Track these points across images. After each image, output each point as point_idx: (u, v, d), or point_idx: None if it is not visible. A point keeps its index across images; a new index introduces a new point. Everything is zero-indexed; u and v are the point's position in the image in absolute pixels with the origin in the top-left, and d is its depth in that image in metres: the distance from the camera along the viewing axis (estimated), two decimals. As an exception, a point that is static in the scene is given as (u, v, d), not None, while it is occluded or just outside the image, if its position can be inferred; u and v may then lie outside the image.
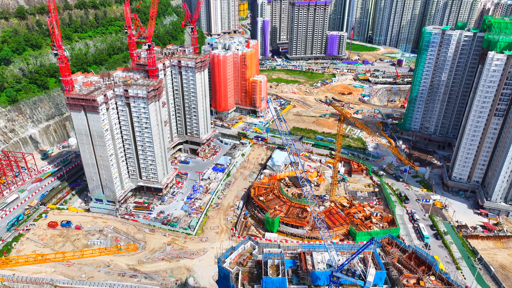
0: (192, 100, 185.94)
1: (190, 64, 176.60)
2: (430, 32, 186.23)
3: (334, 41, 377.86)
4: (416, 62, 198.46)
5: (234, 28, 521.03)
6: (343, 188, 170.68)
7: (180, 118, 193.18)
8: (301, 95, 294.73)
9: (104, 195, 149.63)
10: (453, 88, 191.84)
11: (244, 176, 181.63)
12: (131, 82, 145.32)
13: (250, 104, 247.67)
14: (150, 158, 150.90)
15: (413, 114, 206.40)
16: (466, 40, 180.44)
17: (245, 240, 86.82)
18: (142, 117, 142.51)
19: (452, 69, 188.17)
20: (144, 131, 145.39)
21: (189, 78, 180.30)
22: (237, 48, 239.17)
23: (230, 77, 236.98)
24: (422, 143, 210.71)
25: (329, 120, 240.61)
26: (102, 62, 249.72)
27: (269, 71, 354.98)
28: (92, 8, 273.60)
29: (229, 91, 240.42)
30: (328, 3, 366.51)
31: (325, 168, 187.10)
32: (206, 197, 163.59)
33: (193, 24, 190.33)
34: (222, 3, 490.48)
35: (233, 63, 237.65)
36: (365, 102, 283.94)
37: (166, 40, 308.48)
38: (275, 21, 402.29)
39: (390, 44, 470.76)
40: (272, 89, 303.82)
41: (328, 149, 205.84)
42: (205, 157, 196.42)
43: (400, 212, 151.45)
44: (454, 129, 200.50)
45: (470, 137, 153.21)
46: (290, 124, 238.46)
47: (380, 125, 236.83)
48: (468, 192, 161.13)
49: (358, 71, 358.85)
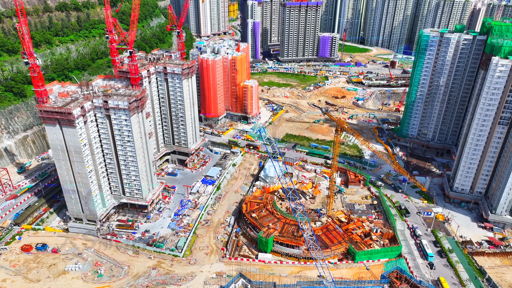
0: (179, 109, 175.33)
1: (176, 71, 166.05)
2: (427, 35, 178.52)
3: (326, 42, 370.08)
4: (414, 66, 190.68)
5: (224, 30, 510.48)
6: (340, 200, 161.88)
7: (167, 128, 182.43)
8: (294, 99, 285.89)
9: (83, 214, 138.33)
10: (452, 93, 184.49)
11: (235, 189, 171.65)
12: (111, 92, 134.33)
13: (241, 110, 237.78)
14: (134, 173, 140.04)
15: (410, 120, 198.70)
16: (465, 44, 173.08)
17: (236, 278, 76.83)
18: (123, 130, 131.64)
19: (451, 73, 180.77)
20: (126, 144, 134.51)
21: (176, 85, 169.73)
22: (227, 52, 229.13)
23: (219, 82, 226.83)
24: (420, 150, 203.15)
25: (323, 126, 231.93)
26: (85, 68, 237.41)
27: (260, 74, 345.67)
28: (74, 10, 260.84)
29: (219, 96, 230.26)
30: (319, 4, 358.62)
31: (321, 179, 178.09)
32: (195, 213, 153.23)
33: (180, 28, 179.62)
34: (212, 4, 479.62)
35: (223, 68, 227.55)
36: (359, 106, 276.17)
37: (153, 44, 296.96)
38: (266, 22, 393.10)
39: (382, 45, 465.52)
40: (263, 93, 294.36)
41: (323, 157, 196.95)
42: (194, 168, 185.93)
43: (401, 227, 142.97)
44: (453, 136, 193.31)
45: (473, 147, 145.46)
46: (283, 131, 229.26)
47: (376, 130, 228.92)
48: (471, 204, 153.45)
49: (351, 73, 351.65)
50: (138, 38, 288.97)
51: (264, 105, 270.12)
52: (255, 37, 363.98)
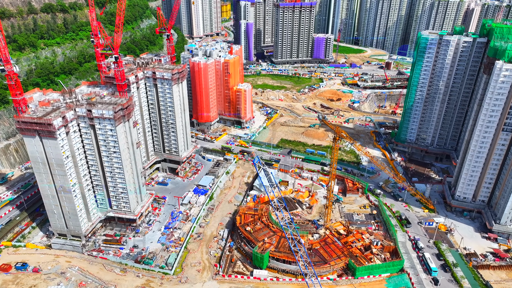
0: (170, 115, 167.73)
1: (166, 76, 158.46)
2: (426, 38, 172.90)
3: (320, 44, 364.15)
4: (412, 69, 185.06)
5: (217, 30, 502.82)
6: (337, 210, 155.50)
7: (157, 135, 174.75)
8: (288, 102, 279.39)
9: (67, 229, 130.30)
10: (451, 97, 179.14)
11: (228, 199, 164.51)
12: (96, 100, 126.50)
13: (234, 114, 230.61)
14: (121, 186, 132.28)
15: (408, 124, 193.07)
16: (465, 46, 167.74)
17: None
18: (109, 140, 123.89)
19: (450, 77, 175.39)
20: (113, 156, 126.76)
21: (166, 91, 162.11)
22: (219, 54, 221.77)
23: (212, 86, 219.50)
24: (419, 155, 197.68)
25: (319, 130, 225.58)
26: (72, 72, 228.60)
27: (254, 76, 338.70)
28: (61, 11, 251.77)
29: (211, 101, 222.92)
30: (314, 5, 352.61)
31: (317, 187, 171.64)
32: (186, 226, 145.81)
33: (169, 30, 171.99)
34: (204, 5, 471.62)
35: (215, 71, 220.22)
36: (355, 109, 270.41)
37: (143, 46, 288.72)
38: (259, 23, 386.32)
39: (377, 46, 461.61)
40: (257, 97, 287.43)
41: (319, 164, 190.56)
42: (185, 176, 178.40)
43: (402, 239, 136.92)
44: (452, 140, 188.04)
45: (475, 154, 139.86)
46: (278, 136, 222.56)
47: (373, 135, 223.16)
48: (474, 213, 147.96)
49: (346, 75, 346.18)
50: (128, 40, 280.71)
51: (258, 109, 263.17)
52: (248, 39, 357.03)
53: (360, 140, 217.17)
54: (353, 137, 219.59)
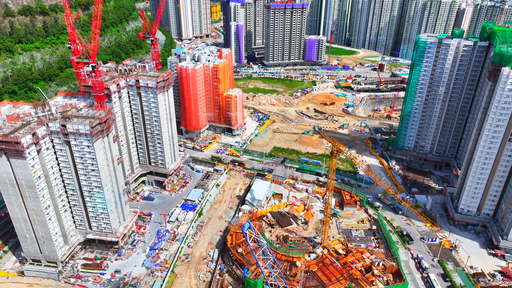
0: (155, 126, 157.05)
1: (150, 84, 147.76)
2: (425, 41, 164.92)
3: (312, 45, 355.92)
4: (410, 74, 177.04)
5: (207, 32, 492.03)
6: (335, 225, 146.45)
7: (142, 146, 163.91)
8: (281, 107, 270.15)
9: (41, 255, 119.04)
10: (451, 103, 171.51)
11: (219, 214, 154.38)
12: (72, 113, 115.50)
13: (224, 121, 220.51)
14: (100, 205, 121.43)
15: (406, 131, 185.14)
16: (465, 50, 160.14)
17: None
18: (86, 157, 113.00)
19: (450, 82, 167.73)
20: (91, 174, 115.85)
21: (150, 100, 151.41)
22: (208, 59, 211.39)
23: (201, 92, 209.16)
24: (417, 163, 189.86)
25: (313, 137, 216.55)
26: (52, 78, 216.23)
27: (245, 79, 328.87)
28: (40, 14, 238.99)
29: (201, 107, 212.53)
30: (305, 6, 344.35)
31: (313, 200, 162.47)
32: (174, 246, 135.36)
33: (153, 35, 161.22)
34: (193, 6, 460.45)
35: (204, 76, 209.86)
36: (349, 113, 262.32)
37: (129, 49, 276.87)
38: (250, 25, 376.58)
39: (369, 47, 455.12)
40: (248, 101, 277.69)
41: (314, 174, 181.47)
42: (173, 190, 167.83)
43: (405, 257, 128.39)
44: (452, 148, 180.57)
45: (480, 165, 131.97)
46: (270, 143, 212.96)
47: (369, 141, 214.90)
48: (479, 227, 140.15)
49: (339, 77, 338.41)
50: (113, 44, 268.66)
51: (249, 114, 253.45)
52: (239, 41, 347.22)
53: (356, 147, 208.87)
54: (349, 144, 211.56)
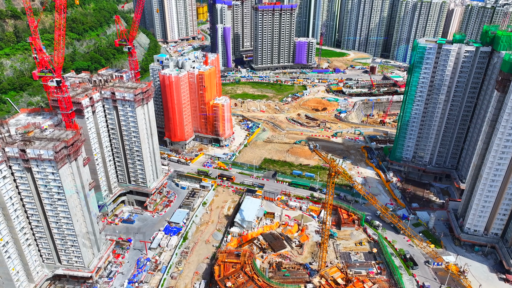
0: (134, 142, 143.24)
1: (127, 97, 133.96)
2: (423, 47, 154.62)
3: (302, 48, 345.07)
4: (408, 81, 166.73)
5: (193, 34, 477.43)
6: (332, 248, 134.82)
7: (121, 164, 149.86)
8: (271, 114, 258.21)
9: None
10: (451, 112, 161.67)
11: (206, 238, 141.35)
12: (34, 134, 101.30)
13: (211, 131, 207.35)
14: (70, 238, 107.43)
15: (404, 141, 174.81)
16: (467, 56, 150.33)
17: None
18: (51, 186, 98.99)
19: (450, 89, 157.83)
20: (57, 203, 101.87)
21: (128, 114, 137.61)
22: (193, 66, 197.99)
23: (185, 101, 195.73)
24: (416, 174, 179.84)
25: (305, 147, 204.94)
26: (24, 88, 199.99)
27: (233, 84, 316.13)
28: (12, 18, 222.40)
29: (186, 117, 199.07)
30: (294, 7, 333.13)
31: (308, 219, 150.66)
32: (155, 278, 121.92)
33: (131, 43, 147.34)
34: (178, 7, 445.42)
35: (189, 84, 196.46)
36: (342, 119, 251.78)
37: (109, 55, 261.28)
38: (237, 27, 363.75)
39: (359, 49, 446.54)
40: (237, 108, 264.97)
41: (308, 188, 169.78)
42: (155, 210, 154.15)
43: (409, 285, 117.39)
44: (452, 159, 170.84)
45: (489, 182, 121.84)
46: (260, 155, 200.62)
47: (364, 151, 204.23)
48: (487, 248, 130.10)
49: (330, 80, 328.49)
50: (91, 49, 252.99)
51: (238, 122, 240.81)
52: (226, 44, 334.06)
53: (351, 157, 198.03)
54: (343, 154, 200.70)
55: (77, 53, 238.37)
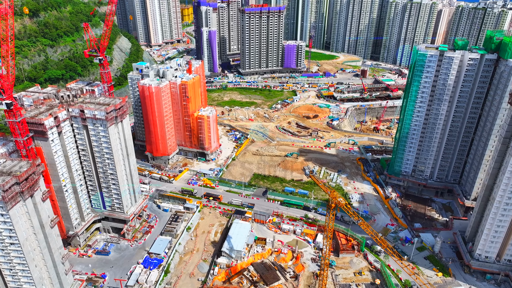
0: (108, 164, 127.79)
1: (98, 115, 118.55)
2: (424, 54, 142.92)
3: (291, 52, 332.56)
4: (406, 91, 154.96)
5: (178, 37, 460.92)
6: (330, 279, 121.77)
7: (94, 188, 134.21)
8: (260, 122, 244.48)
9: None
10: (454, 123, 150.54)
11: (190, 270, 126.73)
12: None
13: (197, 145, 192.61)
14: (27, 286, 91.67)
15: (403, 155, 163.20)
16: (471, 64, 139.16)
17: None
18: (1, 229, 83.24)
19: (453, 100, 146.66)
20: (9, 248, 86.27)
21: (100, 134, 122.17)
22: (175, 74, 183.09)
23: (168, 113, 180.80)
24: (416, 189, 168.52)
25: (297, 161, 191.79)
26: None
27: (220, 91, 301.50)
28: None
29: (168, 130, 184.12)
30: (282, 9, 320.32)
31: (303, 244, 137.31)
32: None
33: (102, 53, 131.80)
34: (162, 9, 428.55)
35: (171, 95, 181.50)
36: (334, 127, 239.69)
37: (86, 62, 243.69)
38: (224, 30, 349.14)
39: (349, 51, 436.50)
40: (224, 117, 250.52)
41: (302, 208, 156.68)
42: (134, 239, 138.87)
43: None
44: (455, 173, 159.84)
45: (502, 206, 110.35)
46: (250, 169, 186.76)
47: (360, 163, 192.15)
48: (500, 276, 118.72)
49: (320, 85, 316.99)
50: (66, 56, 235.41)
51: (225, 133, 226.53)
52: (212, 48, 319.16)
53: (346, 170, 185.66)
54: (338, 167, 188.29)
55: (49, 61, 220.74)
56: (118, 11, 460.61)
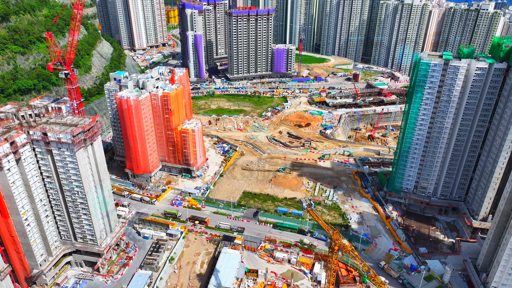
0: (77, 192, 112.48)
1: (64, 138, 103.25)
2: (427, 63, 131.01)
3: (281, 56, 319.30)
4: (408, 103, 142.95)
5: (163, 41, 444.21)
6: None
7: (62, 218, 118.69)
8: (249, 132, 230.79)
9: None
10: (460, 137, 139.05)
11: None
12: None
13: (181, 161, 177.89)
14: None
15: (404, 170, 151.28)
16: (478, 74, 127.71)
17: None
18: None
19: (458, 112, 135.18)
20: None
21: (66, 160, 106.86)
22: (156, 85, 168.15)
23: (149, 127, 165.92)
24: (418, 206, 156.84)
25: (290, 176, 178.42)
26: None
27: (207, 98, 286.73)
28: None
29: (150, 146, 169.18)
30: (271, 12, 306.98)
31: (298, 276, 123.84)
32: None
33: (69, 67, 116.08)
34: (146, 11, 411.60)
35: (152, 108, 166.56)
36: (328, 137, 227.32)
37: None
38: (210, 34, 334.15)
39: (339, 53, 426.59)
40: (211, 127, 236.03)
41: (296, 231, 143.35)
42: (109, 273, 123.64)
43: None
44: (460, 189, 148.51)
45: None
46: (239, 187, 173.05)
47: (357, 177, 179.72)
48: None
49: (311, 90, 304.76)
50: (39, 64, 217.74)
51: (212, 145, 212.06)
52: (198, 53, 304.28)
53: (342, 186, 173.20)
54: (333, 182, 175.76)
55: (19, 70, 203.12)
56: (100, 14, 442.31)
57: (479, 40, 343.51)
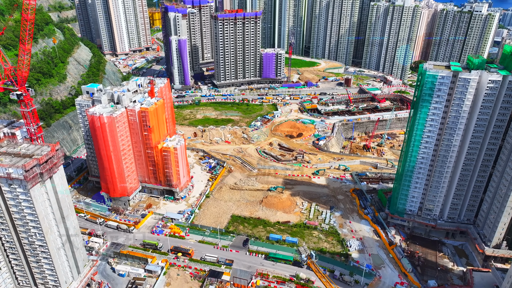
0: (34, 234, 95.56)
1: (14, 174, 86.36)
2: (434, 75, 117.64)
3: (270, 60, 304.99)
4: (412, 119, 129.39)
5: (147, 45, 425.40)
6: None
7: (19, 262, 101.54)
8: (238, 145, 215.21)
9: None
10: (469, 156, 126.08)
11: None
12: None
13: (163, 181, 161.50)
14: None
15: (408, 191, 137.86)
16: (490, 87, 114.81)
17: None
18: None
19: (468, 128, 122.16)
20: None
21: (19, 197, 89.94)
22: (133, 99, 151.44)
23: (125, 146, 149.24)
24: (423, 229, 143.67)
25: (283, 196, 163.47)
26: None
27: (192, 107, 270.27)
28: None
29: (127, 166, 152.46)
30: (259, 15, 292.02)
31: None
32: None
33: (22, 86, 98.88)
34: (128, 15, 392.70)
35: (129, 124, 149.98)
36: (321, 148, 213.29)
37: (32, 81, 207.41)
38: (195, 38, 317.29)
39: (330, 57, 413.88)
40: (197, 140, 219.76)
41: (291, 263, 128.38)
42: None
43: None
44: (469, 211, 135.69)
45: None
46: (227, 210, 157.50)
47: (354, 195, 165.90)
48: None
49: (302, 97, 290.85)
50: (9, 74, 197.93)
51: (198, 161, 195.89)
52: (182, 58, 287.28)
53: (339, 206, 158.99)
54: (330, 202, 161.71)
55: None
56: (79, 17, 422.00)
57: (473, 43, 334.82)
